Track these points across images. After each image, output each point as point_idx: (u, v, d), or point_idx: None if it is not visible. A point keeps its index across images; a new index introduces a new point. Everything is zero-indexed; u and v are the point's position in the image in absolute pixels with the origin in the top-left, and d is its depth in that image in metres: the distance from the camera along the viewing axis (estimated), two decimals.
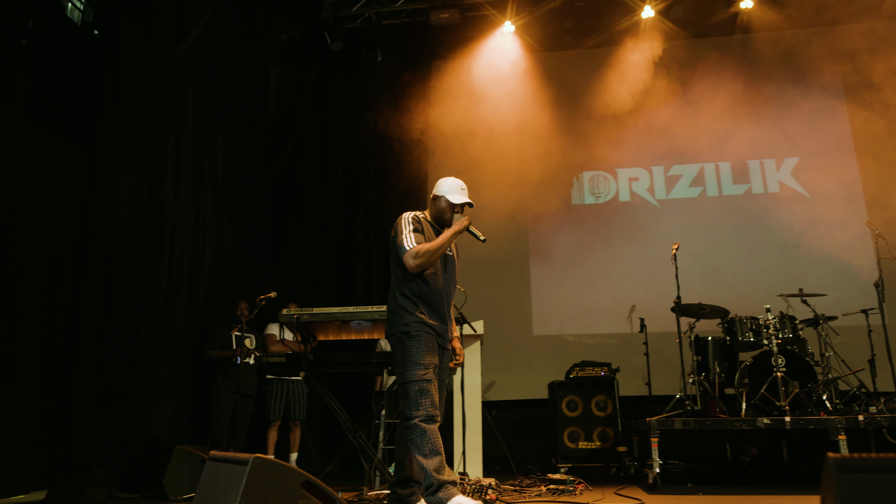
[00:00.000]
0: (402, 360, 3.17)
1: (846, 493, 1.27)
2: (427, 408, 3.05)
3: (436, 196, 3.51)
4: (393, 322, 3.28)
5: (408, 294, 3.27)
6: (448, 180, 3.53)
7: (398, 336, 3.22)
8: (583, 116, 7.89)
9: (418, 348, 3.15)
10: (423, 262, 3.22)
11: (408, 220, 3.37)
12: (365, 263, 8.04)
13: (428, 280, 3.29)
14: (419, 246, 3.24)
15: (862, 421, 4.29)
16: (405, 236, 3.29)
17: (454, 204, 3.43)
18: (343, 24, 8.28)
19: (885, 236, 5.56)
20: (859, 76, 7.64)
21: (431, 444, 3.02)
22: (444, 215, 3.45)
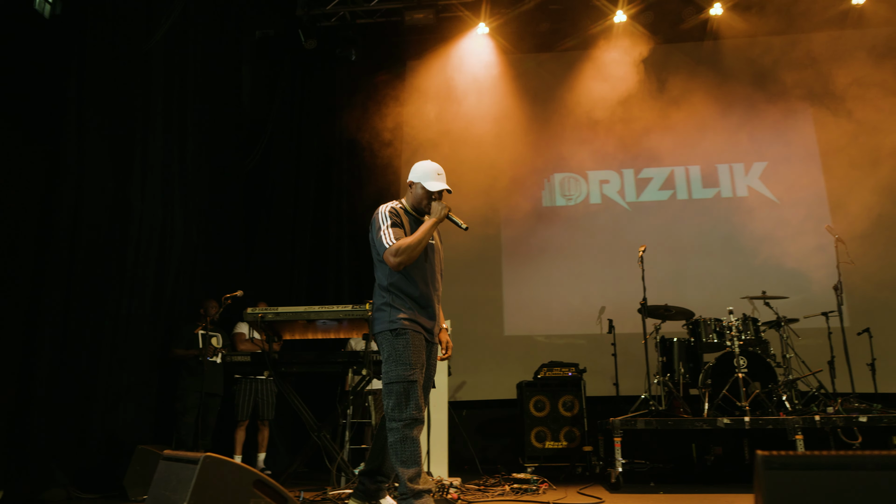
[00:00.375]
0: (388, 358, 3.09)
1: (772, 490, 1.30)
2: (411, 410, 2.99)
3: (411, 182, 3.36)
4: (379, 319, 3.19)
5: (393, 290, 3.18)
6: (423, 164, 3.36)
7: (384, 334, 3.13)
8: (555, 118, 7.96)
9: (405, 347, 3.07)
10: (404, 259, 3.10)
11: (385, 214, 3.24)
12: (336, 263, 8.02)
13: (413, 275, 3.19)
14: (399, 242, 3.11)
15: (818, 421, 4.39)
16: (384, 232, 3.17)
17: (431, 191, 3.29)
18: (317, 22, 8.23)
19: (844, 241, 5.70)
20: (824, 84, 7.80)
21: (410, 452, 2.97)
22: (421, 202, 3.31)
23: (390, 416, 3.02)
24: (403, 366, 3.04)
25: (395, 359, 3.06)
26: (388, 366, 3.08)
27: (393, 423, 3.01)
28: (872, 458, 1.30)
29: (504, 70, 8.15)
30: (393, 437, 3.00)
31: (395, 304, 3.15)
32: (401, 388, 3.01)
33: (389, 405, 3.03)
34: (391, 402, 3.02)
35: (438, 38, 8.10)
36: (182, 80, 6.57)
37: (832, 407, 4.87)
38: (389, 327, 3.11)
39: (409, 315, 3.13)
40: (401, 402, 3.00)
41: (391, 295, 3.17)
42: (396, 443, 2.98)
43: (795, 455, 1.33)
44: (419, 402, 3.03)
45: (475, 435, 7.63)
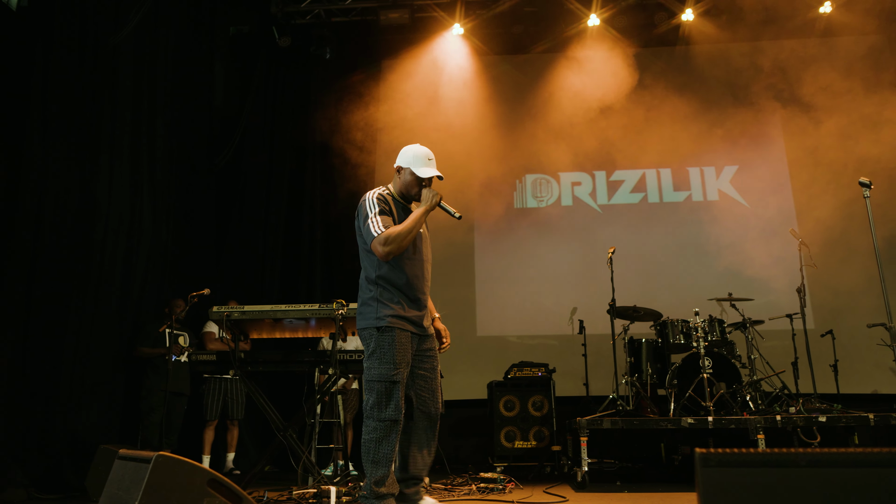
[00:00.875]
0: (372, 355, 2.97)
1: (708, 487, 1.33)
2: (390, 411, 2.89)
3: (399, 168, 3.19)
4: (364, 314, 3.04)
5: (381, 283, 3.03)
6: (412, 148, 3.20)
7: (369, 330, 3.00)
8: (528, 120, 8.00)
9: (390, 345, 2.94)
10: (393, 249, 2.95)
11: (373, 202, 3.08)
12: (309, 262, 7.98)
13: (402, 265, 3.05)
14: (388, 231, 2.95)
15: (779, 421, 4.47)
16: (371, 220, 3.00)
17: (421, 178, 3.13)
18: (292, 19, 8.19)
19: (807, 244, 5.81)
20: (793, 90, 7.96)
21: (384, 453, 2.89)
22: (410, 190, 3.16)
23: (368, 413, 2.93)
24: (387, 365, 2.93)
25: (380, 357, 2.95)
26: (372, 363, 2.97)
27: (370, 422, 2.92)
28: (804, 456, 1.33)
29: (478, 71, 8.18)
30: (368, 434, 2.92)
31: (383, 299, 3.01)
32: (382, 388, 2.92)
33: (369, 402, 2.94)
34: (371, 399, 2.93)
35: (413, 38, 8.10)
36: (152, 75, 6.49)
37: (794, 407, 4.96)
38: (376, 324, 2.98)
39: (396, 311, 3.00)
40: (381, 401, 2.90)
41: (379, 288, 3.03)
42: (371, 441, 2.90)
43: (731, 453, 1.36)
44: (399, 404, 2.92)
45: (447, 435, 7.63)
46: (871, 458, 1.29)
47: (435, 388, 3.13)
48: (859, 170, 7.48)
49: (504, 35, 8.25)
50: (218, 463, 6.42)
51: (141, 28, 6.21)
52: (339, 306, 3.92)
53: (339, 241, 7.97)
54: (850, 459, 1.29)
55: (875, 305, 7.12)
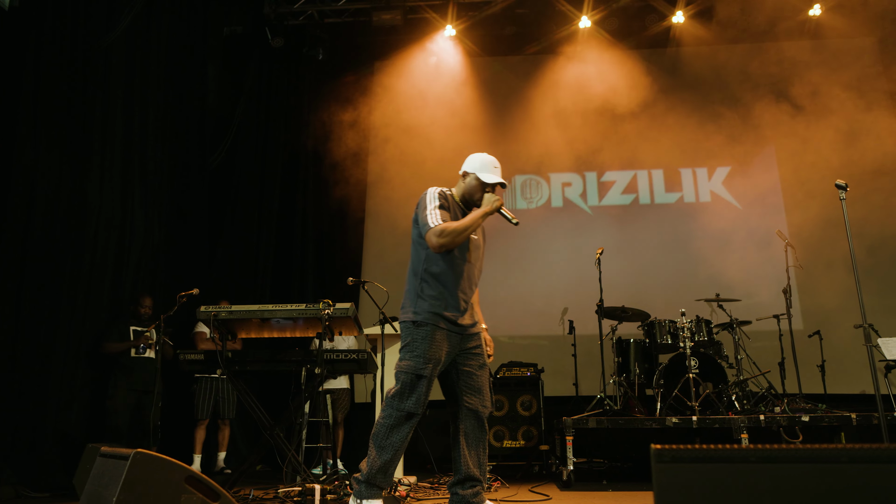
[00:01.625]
0: (405, 347, 3.00)
1: (663, 482, 1.37)
2: (409, 404, 2.90)
3: (465, 173, 3.24)
4: (405, 307, 3.08)
5: (426, 277, 3.04)
6: (480, 156, 3.26)
7: (407, 323, 3.03)
8: (519, 121, 8.04)
9: (423, 339, 2.95)
10: (447, 242, 2.96)
11: (433, 196, 3.11)
12: (301, 262, 8.01)
13: (450, 263, 3.05)
14: (445, 224, 2.98)
15: (763, 420, 4.51)
16: (430, 212, 3.03)
17: (485, 183, 3.16)
18: (285, 20, 8.23)
19: (794, 245, 5.86)
20: (784, 91, 8.01)
21: (392, 442, 2.90)
22: (473, 194, 3.19)
23: (389, 400, 2.96)
24: (417, 358, 2.93)
25: (410, 349, 2.97)
26: (403, 354, 3.00)
27: (388, 409, 2.94)
28: (754, 452, 1.37)
29: (470, 72, 8.22)
30: (383, 419, 2.94)
31: (423, 294, 3.02)
32: (407, 379, 2.93)
33: (393, 391, 2.97)
34: (395, 388, 2.96)
35: (406, 39, 8.15)
36: (144, 75, 6.51)
37: (779, 407, 5.00)
38: (413, 318, 3.01)
39: (434, 307, 3.00)
40: (404, 392, 2.92)
41: (422, 283, 3.04)
42: (384, 427, 2.92)
43: (684, 449, 1.40)
44: (421, 400, 2.92)
45: (439, 434, 7.64)
46: (815, 455, 1.32)
47: (481, 386, 3.11)
48: (849, 171, 7.54)
49: (496, 36, 8.29)
50: (209, 462, 6.45)
51: (133, 28, 6.24)
52: (325, 306, 3.95)
53: (332, 241, 8.01)
54: (796, 455, 1.33)
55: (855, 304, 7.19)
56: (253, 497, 3.66)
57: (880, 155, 7.63)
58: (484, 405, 3.11)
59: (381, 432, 2.92)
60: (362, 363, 4.16)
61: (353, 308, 4.00)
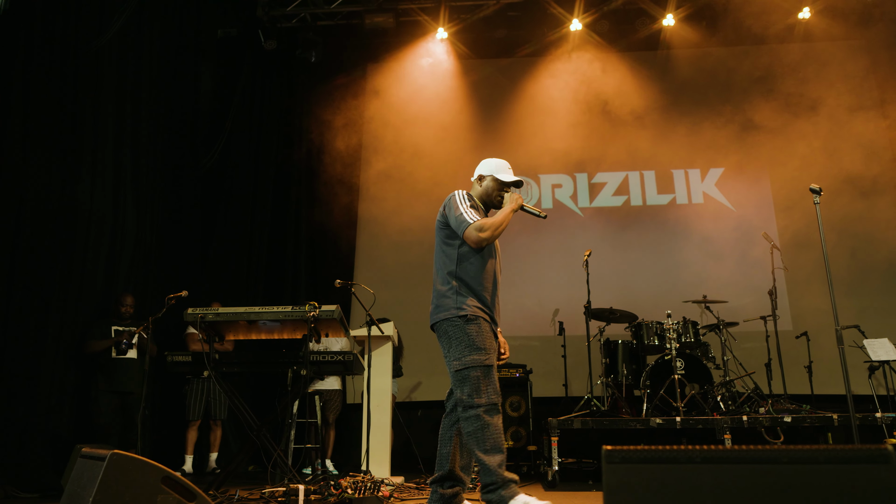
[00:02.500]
0: (460, 344, 2.92)
1: (612, 482, 1.41)
2: (490, 395, 2.86)
3: (481, 176, 3.30)
4: (444, 306, 3.03)
5: (462, 277, 3.05)
6: (493, 160, 3.32)
7: (453, 320, 2.97)
8: (510, 122, 8.08)
9: (478, 332, 2.93)
10: (487, 237, 3.01)
11: (463, 197, 3.17)
12: (294, 264, 8.03)
13: (481, 262, 3.09)
14: (483, 220, 3.05)
15: (745, 421, 4.56)
16: (464, 211, 3.08)
17: (504, 182, 3.24)
18: (278, 23, 8.27)
19: (780, 248, 5.90)
20: (775, 93, 8.05)
21: (494, 439, 2.84)
22: (491, 195, 3.25)
23: (467, 403, 2.86)
24: (479, 350, 2.89)
25: (468, 344, 2.91)
26: (461, 351, 2.92)
27: (471, 411, 2.84)
28: (699, 453, 1.41)
29: (462, 74, 8.27)
30: (472, 424, 2.84)
31: (462, 292, 3.02)
32: (478, 373, 2.87)
33: (465, 392, 2.87)
34: (467, 388, 2.86)
35: (398, 41, 8.19)
36: (136, 77, 6.55)
37: (764, 407, 5.05)
38: (458, 313, 2.97)
39: (478, 303, 3.01)
40: (479, 386, 2.85)
41: (460, 282, 3.05)
42: (478, 430, 2.82)
43: (634, 449, 1.44)
44: (497, 388, 2.91)
45: (431, 435, 7.69)
46: (756, 456, 1.37)
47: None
48: (838, 172, 7.61)
49: (488, 39, 8.32)
50: (201, 463, 6.49)
51: (125, 30, 6.28)
52: (311, 308, 3.99)
53: (325, 242, 8.04)
54: (738, 456, 1.37)
55: (849, 307, 7.25)
56: (238, 497, 3.70)
57: (870, 156, 7.68)
58: None
59: (479, 437, 2.84)
60: (349, 365, 4.20)
61: (339, 310, 4.04)
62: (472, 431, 2.84)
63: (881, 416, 4.59)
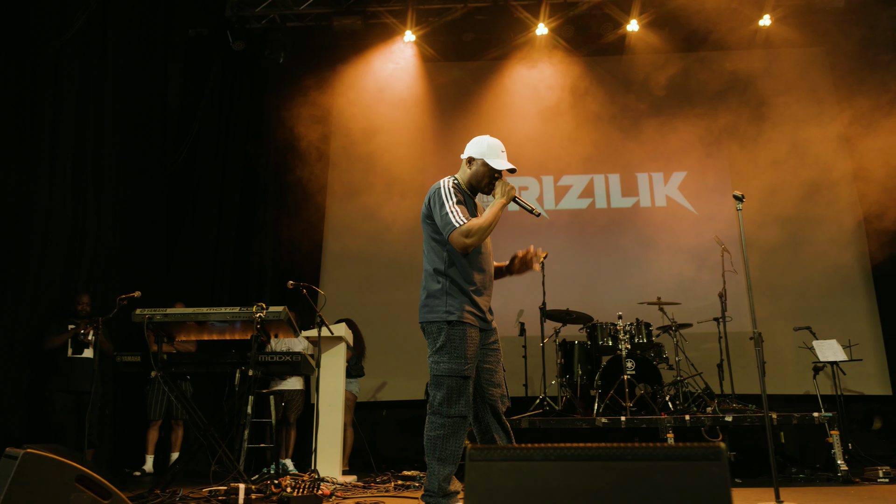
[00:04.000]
0: (442, 349, 2.85)
1: (472, 479, 1.49)
2: (460, 407, 2.81)
3: (471, 158, 3.10)
4: (432, 306, 2.92)
5: (452, 275, 2.94)
6: (485, 139, 3.10)
7: (440, 324, 2.88)
8: (477, 124, 8.13)
9: (462, 339, 2.84)
10: (474, 242, 2.87)
11: (449, 190, 2.98)
12: (260, 264, 8.05)
13: (473, 258, 2.98)
14: (470, 223, 2.87)
15: (688, 420, 4.66)
16: (450, 210, 2.90)
17: (494, 169, 3.05)
18: (247, 23, 8.29)
19: (730, 251, 6.02)
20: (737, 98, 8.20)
21: (452, 450, 2.82)
22: (480, 181, 3.08)
23: (436, 409, 2.83)
24: (459, 360, 2.82)
25: (450, 351, 2.84)
26: (441, 357, 2.85)
27: (438, 419, 2.82)
28: (553, 451, 1.49)
29: (429, 77, 8.33)
30: (435, 431, 2.81)
31: (452, 292, 2.91)
32: (453, 383, 2.81)
33: (437, 398, 2.84)
34: (440, 395, 2.83)
35: (366, 43, 8.23)
36: (100, 76, 6.54)
37: (711, 407, 5.16)
38: (446, 317, 2.87)
39: (467, 305, 2.91)
40: (451, 396, 2.81)
41: (448, 281, 2.93)
42: (438, 438, 2.80)
43: (494, 447, 1.52)
44: (469, 400, 2.85)
45: (395, 434, 7.78)
46: (606, 453, 1.45)
47: (501, 382, 3.05)
48: (798, 177, 7.77)
49: (455, 42, 8.39)
50: (163, 463, 6.51)
51: (88, 29, 6.27)
52: (258, 309, 4.04)
53: (292, 243, 8.06)
54: (588, 454, 1.46)
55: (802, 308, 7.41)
56: (181, 496, 3.75)
57: (828, 160, 7.84)
58: (503, 400, 3.03)
59: (438, 444, 2.81)
60: (296, 365, 4.25)
61: (286, 311, 4.09)
62: (433, 437, 2.83)
63: (819, 415, 4.72)
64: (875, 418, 7.54)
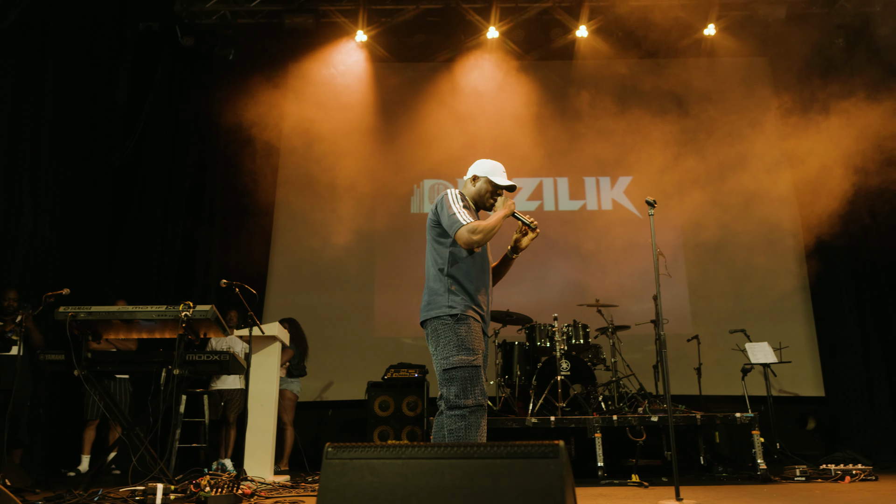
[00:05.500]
0: (449, 343, 2.90)
1: (328, 475, 1.52)
2: (477, 396, 2.84)
3: (475, 177, 3.30)
4: (435, 304, 3.00)
5: (455, 274, 3.04)
6: (488, 162, 3.33)
7: (443, 318, 2.94)
8: (428, 126, 8.18)
9: (468, 332, 2.91)
10: (480, 240, 2.99)
11: (457, 197, 3.14)
12: (206, 263, 7.96)
13: (474, 261, 3.08)
14: (476, 222, 3.01)
15: (615, 421, 4.76)
16: (458, 211, 3.05)
17: (498, 186, 3.25)
18: (197, 19, 8.19)
19: (664, 254, 6.15)
20: (683, 105, 8.39)
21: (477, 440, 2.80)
22: (483, 196, 3.26)
23: (453, 402, 2.84)
24: (467, 350, 2.88)
25: (458, 344, 2.89)
26: (449, 350, 2.89)
27: (456, 411, 2.83)
28: (405, 450, 1.53)
29: (381, 77, 8.35)
30: (456, 423, 2.82)
31: (456, 290, 3.01)
32: (466, 374, 2.85)
33: (452, 392, 2.85)
34: (454, 388, 2.84)
35: (318, 42, 8.21)
36: (40, 68, 6.41)
37: (642, 407, 5.28)
38: (449, 312, 2.94)
39: (469, 302, 3.00)
40: (466, 387, 2.83)
41: (452, 280, 3.03)
42: (461, 430, 2.80)
43: (352, 446, 1.55)
44: (484, 388, 2.89)
45: (340, 434, 7.78)
46: (454, 452, 1.49)
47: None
48: (738, 182, 7.98)
49: (407, 43, 8.42)
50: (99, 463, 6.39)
51: (28, 20, 6.13)
52: (185, 308, 4.01)
53: (239, 242, 7.99)
54: (438, 453, 1.50)
55: (741, 310, 7.62)
56: (101, 496, 3.70)
57: (768, 167, 8.07)
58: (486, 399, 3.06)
59: (462, 437, 2.81)
60: (224, 364, 4.22)
61: (213, 310, 4.06)
62: (455, 430, 2.84)
63: (741, 416, 4.86)
64: (809, 418, 7.79)
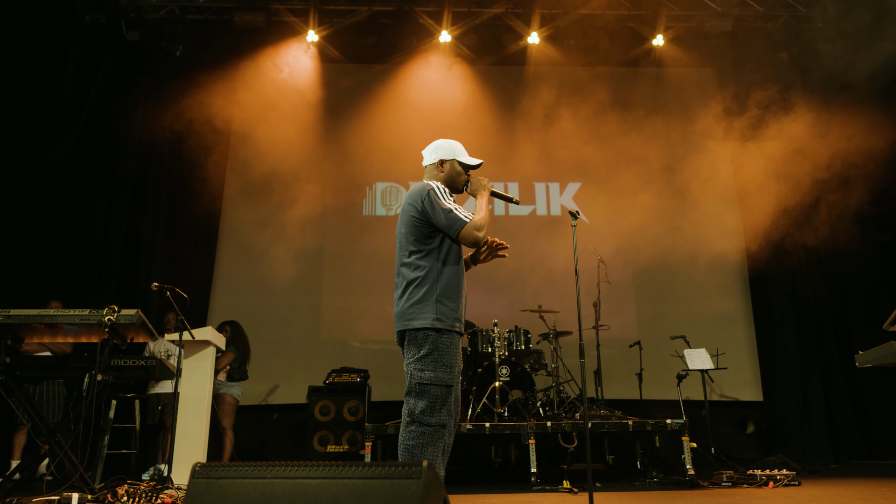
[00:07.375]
0: (428, 357, 2.76)
1: (192, 496, 1.49)
2: (442, 416, 2.73)
3: (442, 161, 3.08)
4: (420, 312, 2.81)
5: (441, 280, 2.86)
6: (448, 142, 3.12)
7: (426, 331, 2.78)
8: (379, 128, 8.16)
9: (448, 347, 2.79)
10: (485, 236, 2.86)
11: (444, 192, 2.93)
12: (149, 264, 7.76)
13: (456, 264, 2.92)
14: (476, 218, 2.86)
15: (549, 427, 4.80)
16: (454, 208, 2.86)
17: (469, 166, 3.09)
18: (143, 13, 8.02)
19: (605, 262, 6.26)
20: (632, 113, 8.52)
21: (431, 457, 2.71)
22: (456, 180, 3.08)
23: (417, 418, 2.73)
24: (444, 368, 2.76)
25: (437, 359, 2.76)
26: (427, 364, 2.76)
27: (417, 427, 2.72)
28: (275, 468, 1.51)
29: (332, 78, 8.29)
30: (413, 440, 2.71)
31: (442, 299, 2.83)
32: (438, 392, 2.74)
33: (419, 407, 2.73)
34: (423, 403, 2.73)
35: (268, 41, 8.12)
36: None
37: (579, 412, 5.34)
38: (434, 324, 2.78)
39: (456, 312, 2.86)
40: (434, 405, 2.72)
41: (438, 286, 2.85)
42: (416, 447, 2.71)
43: (219, 465, 1.52)
44: (451, 409, 2.79)
45: (283, 437, 7.69)
46: (320, 472, 1.48)
47: (458, 396, 2.95)
48: (685, 192, 8.14)
49: (359, 45, 8.38)
50: (30, 469, 6.19)
51: None
52: (109, 312, 3.91)
53: (184, 243, 7.84)
54: (305, 473, 1.48)
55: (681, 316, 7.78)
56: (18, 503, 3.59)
57: (716, 175, 8.26)
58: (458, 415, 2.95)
59: (416, 453, 2.73)
60: (151, 370, 4.14)
61: (139, 314, 3.97)
62: (411, 446, 2.74)
63: (671, 422, 4.96)
64: (749, 423, 7.98)
